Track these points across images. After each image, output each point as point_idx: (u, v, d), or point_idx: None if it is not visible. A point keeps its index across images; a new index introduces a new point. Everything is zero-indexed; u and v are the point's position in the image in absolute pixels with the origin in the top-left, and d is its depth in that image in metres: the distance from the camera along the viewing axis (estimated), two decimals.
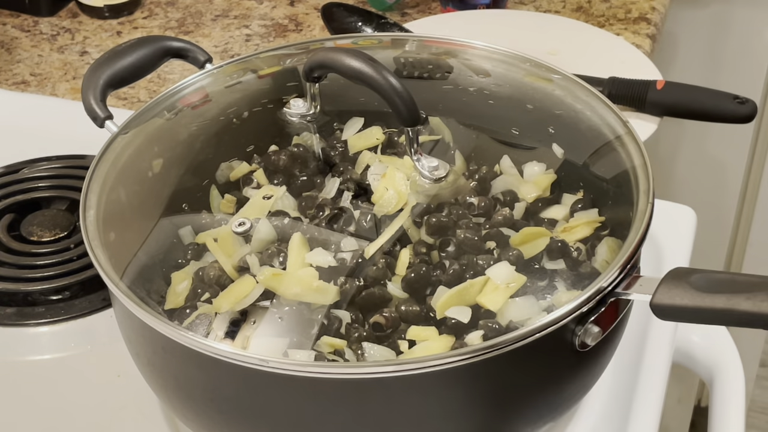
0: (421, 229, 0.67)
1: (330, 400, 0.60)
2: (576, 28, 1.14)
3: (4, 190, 0.91)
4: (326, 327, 0.63)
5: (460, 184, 0.70)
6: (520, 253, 0.66)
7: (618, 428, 0.74)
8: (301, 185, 0.71)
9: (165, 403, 0.71)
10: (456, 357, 0.58)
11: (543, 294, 0.64)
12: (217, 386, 0.62)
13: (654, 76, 1.03)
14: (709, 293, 0.59)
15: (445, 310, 0.63)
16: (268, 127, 0.76)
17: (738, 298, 0.58)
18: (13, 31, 1.20)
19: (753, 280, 0.59)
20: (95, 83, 0.76)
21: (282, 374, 0.59)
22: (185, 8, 1.23)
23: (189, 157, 0.76)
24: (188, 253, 0.69)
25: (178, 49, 0.80)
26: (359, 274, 0.65)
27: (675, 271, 0.61)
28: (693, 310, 0.59)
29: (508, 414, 0.64)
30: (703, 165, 1.59)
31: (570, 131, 0.74)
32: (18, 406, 0.77)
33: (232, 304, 0.64)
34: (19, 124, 1.01)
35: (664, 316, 0.61)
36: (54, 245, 0.86)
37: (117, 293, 0.63)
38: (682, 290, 0.59)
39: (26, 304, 0.83)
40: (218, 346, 0.60)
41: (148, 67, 0.79)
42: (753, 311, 0.57)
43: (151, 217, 0.71)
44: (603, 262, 0.66)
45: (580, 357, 0.63)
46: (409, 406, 0.60)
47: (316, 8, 1.21)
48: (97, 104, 0.75)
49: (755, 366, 1.81)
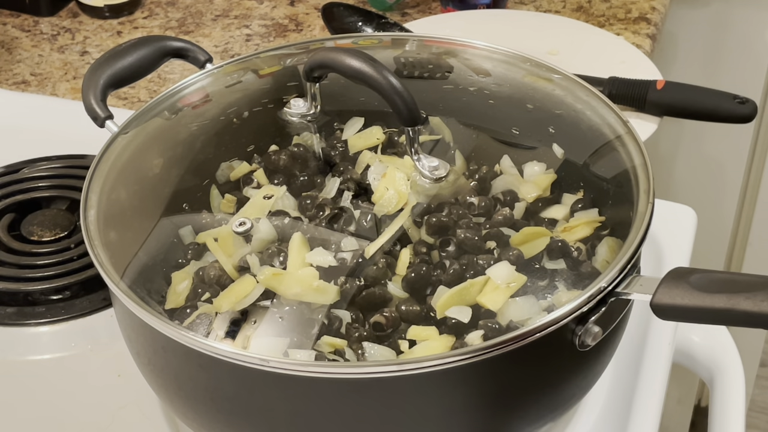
0: (421, 229, 0.67)
1: (330, 400, 0.60)
2: (576, 27, 1.14)
3: (5, 190, 0.91)
4: (326, 327, 0.63)
5: (461, 183, 0.70)
6: (521, 253, 0.66)
7: (618, 428, 0.74)
8: (301, 185, 0.71)
9: (165, 403, 0.71)
10: (456, 357, 0.58)
11: (543, 294, 0.64)
12: (218, 386, 0.62)
13: (654, 76, 1.04)
14: (709, 293, 0.59)
15: (445, 310, 0.63)
16: (268, 127, 0.76)
17: (738, 298, 0.58)
18: (14, 31, 1.20)
19: (753, 280, 0.59)
20: (95, 83, 0.76)
21: (282, 374, 0.59)
22: (185, 8, 1.23)
23: (189, 157, 0.76)
24: (188, 252, 0.69)
25: (178, 49, 0.80)
26: (359, 273, 0.65)
27: (675, 271, 0.61)
28: (693, 309, 0.59)
29: (508, 414, 0.64)
30: (703, 165, 1.58)
31: (570, 131, 0.74)
32: (18, 405, 0.77)
33: (233, 304, 0.64)
34: (19, 124, 1.01)
35: (665, 316, 0.61)
36: (54, 245, 0.86)
37: (117, 293, 0.63)
38: (682, 290, 0.59)
39: (27, 303, 0.83)
40: (219, 346, 0.60)
41: (148, 67, 0.79)
42: (753, 311, 0.57)
43: (151, 216, 0.71)
44: (603, 261, 0.66)
45: (580, 357, 0.63)
46: (409, 406, 0.60)
47: (316, 8, 1.21)
48: (98, 104, 0.75)
49: (755, 366, 1.81)
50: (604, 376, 0.70)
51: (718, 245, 1.68)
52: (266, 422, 0.63)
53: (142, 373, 0.68)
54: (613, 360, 0.69)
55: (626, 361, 0.77)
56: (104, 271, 0.64)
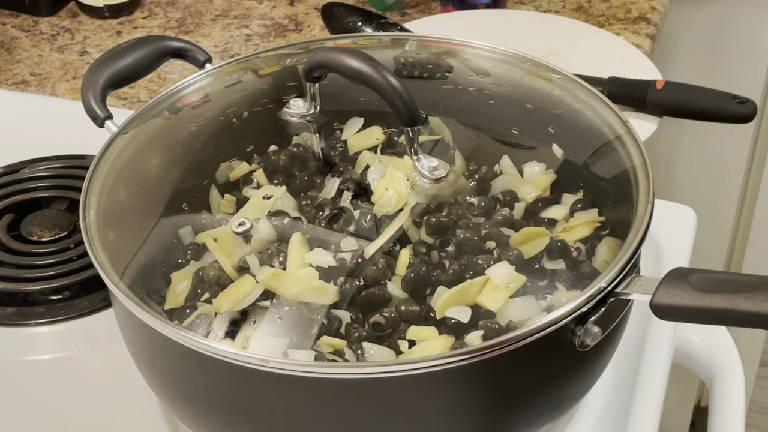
0: (420, 229, 0.67)
1: (329, 400, 0.60)
2: (576, 27, 1.14)
3: (4, 190, 0.91)
4: (326, 327, 0.63)
5: (460, 184, 0.70)
6: (520, 253, 0.66)
7: (618, 428, 0.74)
8: (300, 185, 0.71)
9: (165, 403, 0.71)
10: (456, 357, 0.58)
11: (543, 294, 0.64)
12: (217, 386, 0.62)
13: (654, 76, 1.03)
14: (708, 293, 0.58)
15: (444, 310, 0.63)
16: (268, 127, 0.76)
17: (738, 298, 0.58)
18: (13, 31, 1.20)
19: (753, 280, 0.59)
20: (95, 83, 0.76)
21: (282, 374, 0.59)
22: (185, 8, 1.23)
23: (189, 157, 0.76)
24: (188, 253, 0.69)
25: (177, 49, 0.80)
26: (359, 274, 0.65)
27: (675, 271, 0.61)
28: (693, 310, 0.59)
29: (507, 414, 0.64)
30: (703, 165, 1.58)
31: (570, 131, 0.74)
32: (18, 406, 0.77)
33: (232, 304, 0.64)
34: (18, 124, 1.01)
35: (664, 316, 0.61)
36: (54, 245, 0.86)
37: (117, 293, 0.63)
38: (681, 290, 0.59)
39: (26, 304, 0.83)
40: (218, 346, 0.60)
41: (148, 67, 0.79)
42: (753, 311, 0.57)
43: (150, 217, 0.71)
44: (603, 261, 0.66)
45: (580, 357, 0.63)
46: (409, 406, 0.60)
47: (316, 8, 1.21)
48: (97, 104, 0.75)
49: (755, 366, 1.81)
50: (604, 376, 0.70)
51: (718, 245, 1.68)
52: (265, 422, 0.63)
53: (142, 373, 0.68)
54: (613, 360, 0.69)
55: (626, 361, 0.77)
56: (104, 271, 0.64)
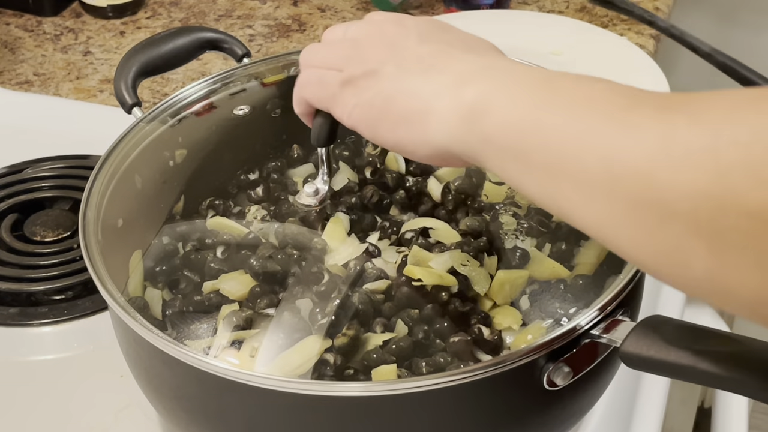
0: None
1: (287, 415, 0.59)
2: (579, 28, 1.13)
3: (8, 190, 0.91)
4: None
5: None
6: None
7: (621, 429, 0.74)
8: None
9: (161, 414, 0.70)
10: (416, 384, 0.56)
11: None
12: (212, 399, 0.60)
13: (657, 77, 1.03)
14: (676, 348, 0.54)
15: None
16: (279, 134, 0.75)
17: (703, 357, 0.53)
18: (17, 31, 1.20)
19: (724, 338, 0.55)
20: (128, 70, 0.75)
21: (283, 392, 0.57)
22: (188, 8, 1.23)
23: (194, 164, 0.75)
24: (190, 262, 0.68)
25: (215, 40, 0.78)
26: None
27: (649, 320, 0.56)
28: (658, 363, 0.54)
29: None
30: None
31: None
32: (20, 406, 0.77)
33: (236, 314, 0.63)
34: (22, 124, 1.02)
35: (632, 365, 0.56)
36: (57, 245, 0.86)
37: (112, 304, 0.62)
38: (650, 341, 0.54)
39: (29, 304, 0.83)
40: (214, 363, 0.59)
41: (184, 57, 0.78)
42: (713, 373, 0.53)
43: (153, 223, 0.71)
44: (586, 263, 0.65)
45: (547, 396, 0.60)
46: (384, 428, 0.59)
47: (319, 8, 1.21)
48: (127, 90, 0.75)
49: None
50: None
51: None
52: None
53: (137, 380, 0.68)
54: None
55: None
56: (98, 278, 0.63)
